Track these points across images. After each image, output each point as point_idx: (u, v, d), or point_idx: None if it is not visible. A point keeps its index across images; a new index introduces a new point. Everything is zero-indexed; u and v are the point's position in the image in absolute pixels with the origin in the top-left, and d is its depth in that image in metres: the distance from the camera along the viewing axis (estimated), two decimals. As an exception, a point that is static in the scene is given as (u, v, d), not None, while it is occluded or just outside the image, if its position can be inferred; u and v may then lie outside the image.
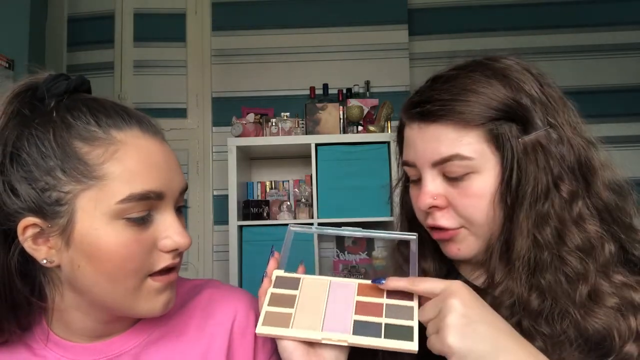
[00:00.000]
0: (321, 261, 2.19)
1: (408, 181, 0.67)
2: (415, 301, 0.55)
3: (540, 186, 0.55)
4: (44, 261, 0.51)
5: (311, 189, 2.13)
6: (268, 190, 2.35)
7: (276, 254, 0.63)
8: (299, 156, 2.33)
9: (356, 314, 0.55)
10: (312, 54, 2.45)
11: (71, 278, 0.52)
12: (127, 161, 0.51)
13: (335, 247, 2.28)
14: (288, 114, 2.23)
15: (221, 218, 2.35)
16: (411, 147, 0.62)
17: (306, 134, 2.22)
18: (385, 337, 0.52)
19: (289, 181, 2.38)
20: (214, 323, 0.63)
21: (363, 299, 0.57)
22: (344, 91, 2.31)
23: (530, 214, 0.55)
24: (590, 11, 2.50)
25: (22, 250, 0.51)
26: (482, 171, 0.57)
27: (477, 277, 0.64)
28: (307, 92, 2.35)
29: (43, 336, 0.57)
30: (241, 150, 2.16)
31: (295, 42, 2.45)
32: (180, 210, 0.59)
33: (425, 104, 0.59)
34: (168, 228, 0.54)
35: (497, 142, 0.56)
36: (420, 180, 0.62)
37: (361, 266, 2.21)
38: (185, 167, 2.40)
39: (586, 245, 0.54)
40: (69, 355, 0.57)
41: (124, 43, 2.47)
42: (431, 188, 0.59)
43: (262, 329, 0.55)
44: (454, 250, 0.61)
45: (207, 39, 2.46)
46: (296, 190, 2.31)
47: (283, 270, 0.61)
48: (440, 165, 0.58)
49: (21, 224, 0.50)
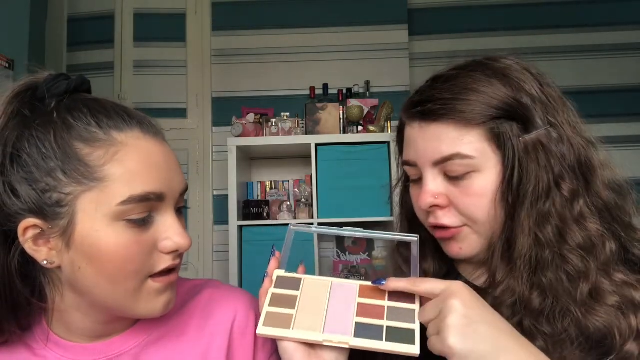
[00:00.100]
0: (321, 261, 2.19)
1: (408, 181, 0.67)
2: (416, 304, 0.55)
3: (542, 185, 0.55)
4: (45, 262, 0.51)
5: (311, 189, 2.13)
6: (268, 190, 2.35)
7: (277, 253, 0.63)
8: (299, 156, 2.33)
9: (357, 316, 0.55)
10: (312, 54, 2.45)
11: (71, 279, 0.52)
12: (128, 163, 0.51)
13: (336, 247, 2.28)
14: (288, 114, 2.23)
15: (221, 218, 2.35)
16: (412, 146, 0.62)
17: (306, 134, 2.22)
18: (387, 340, 0.52)
19: (289, 181, 2.38)
20: (213, 323, 0.63)
21: (364, 300, 0.57)
22: (344, 91, 2.31)
23: (532, 212, 0.55)
24: (590, 11, 2.50)
25: (23, 251, 0.51)
26: (483, 170, 0.57)
27: (477, 277, 0.64)
28: (307, 92, 2.35)
29: (43, 336, 0.57)
30: (241, 150, 2.15)
31: (295, 42, 2.45)
32: (181, 211, 0.58)
33: (426, 103, 0.59)
34: (168, 229, 0.54)
35: (498, 141, 0.56)
36: (420, 179, 0.62)
37: (361, 266, 2.21)
38: (185, 167, 2.39)
39: (587, 244, 0.54)
40: (69, 355, 0.57)
41: (124, 43, 2.47)
42: (432, 187, 0.59)
43: (263, 329, 0.55)
44: (455, 249, 0.61)
45: (207, 39, 2.46)
46: (296, 190, 2.31)
47: (284, 270, 0.61)
48: (441, 164, 0.58)
49: (22, 225, 0.50)
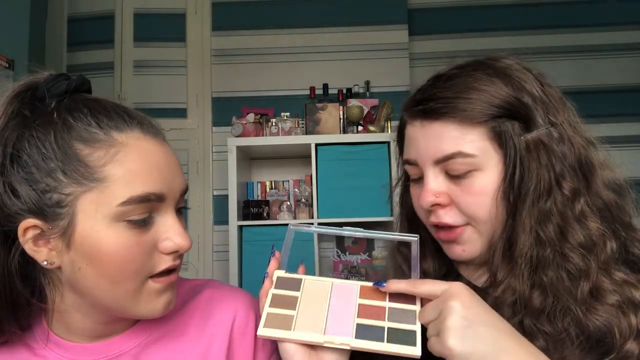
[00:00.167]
0: (321, 261, 2.19)
1: (408, 180, 0.67)
2: (417, 305, 0.55)
3: (543, 183, 0.55)
4: (45, 263, 0.51)
5: (311, 189, 2.13)
6: (268, 190, 2.35)
7: (277, 253, 0.62)
8: (299, 156, 2.33)
9: (358, 317, 0.55)
10: (312, 54, 2.45)
11: (72, 280, 0.52)
12: (128, 163, 0.51)
13: (336, 247, 2.28)
14: (288, 114, 2.23)
15: (221, 218, 2.35)
16: (413, 145, 0.62)
17: (306, 134, 2.22)
18: (388, 341, 0.52)
19: (289, 181, 2.38)
20: (213, 323, 0.63)
21: (365, 301, 0.57)
22: (344, 91, 2.31)
23: (533, 211, 0.55)
24: (590, 11, 2.50)
25: (23, 252, 0.51)
26: (484, 169, 0.57)
27: (477, 277, 0.64)
28: (307, 92, 2.35)
29: (43, 336, 0.57)
30: (241, 150, 2.15)
31: (295, 42, 2.45)
32: (181, 212, 0.58)
33: (427, 101, 0.59)
34: (169, 230, 0.54)
35: (499, 140, 0.57)
36: (421, 178, 0.62)
37: (361, 266, 2.21)
38: (185, 167, 2.39)
39: (588, 242, 0.54)
40: (69, 355, 0.57)
41: (124, 43, 2.47)
42: (433, 186, 0.59)
43: (263, 330, 0.54)
44: (458, 251, 0.61)
45: (207, 39, 2.46)
46: (296, 190, 2.31)
47: (284, 271, 0.61)
48: (443, 162, 0.58)
49: (22, 226, 0.50)
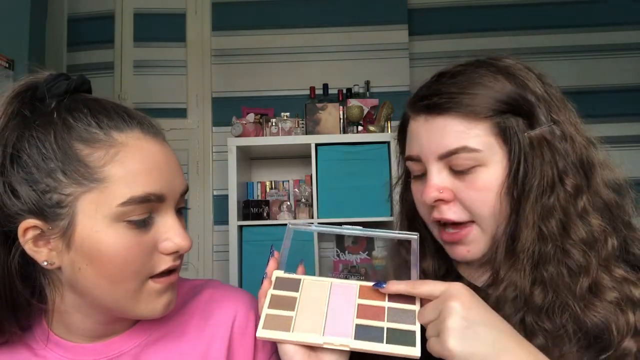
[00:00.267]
0: (321, 261, 2.19)
1: (409, 178, 0.67)
2: (417, 305, 0.55)
3: (546, 179, 0.55)
4: (45, 263, 0.51)
5: (311, 189, 2.13)
6: (268, 190, 2.35)
7: (276, 253, 0.62)
8: (299, 156, 2.33)
9: (358, 317, 0.55)
10: (312, 54, 2.45)
11: (72, 280, 0.52)
12: (128, 164, 0.51)
13: (335, 247, 2.28)
14: (288, 114, 2.23)
15: (221, 218, 2.35)
16: (416, 140, 0.61)
17: (306, 134, 2.22)
18: (387, 342, 0.52)
19: (289, 181, 2.38)
20: (214, 323, 0.63)
21: (364, 301, 0.56)
22: (344, 91, 2.31)
23: (536, 207, 0.55)
24: (590, 11, 2.50)
25: (23, 252, 0.51)
26: (488, 164, 0.57)
27: (477, 277, 0.64)
28: (307, 92, 2.35)
29: (43, 336, 0.57)
30: (241, 150, 2.15)
31: (295, 42, 2.45)
32: (181, 212, 0.58)
33: (432, 97, 0.59)
34: (169, 230, 0.54)
35: (504, 135, 0.57)
36: (424, 175, 0.61)
37: (361, 266, 2.21)
38: (185, 167, 2.39)
39: (590, 239, 0.55)
40: (69, 356, 0.57)
41: (123, 43, 2.47)
42: (437, 181, 0.59)
43: (262, 332, 0.54)
44: (463, 252, 0.61)
45: (207, 39, 2.46)
46: (296, 190, 2.31)
47: (283, 271, 0.61)
48: (447, 158, 0.58)
49: (22, 226, 0.50)
